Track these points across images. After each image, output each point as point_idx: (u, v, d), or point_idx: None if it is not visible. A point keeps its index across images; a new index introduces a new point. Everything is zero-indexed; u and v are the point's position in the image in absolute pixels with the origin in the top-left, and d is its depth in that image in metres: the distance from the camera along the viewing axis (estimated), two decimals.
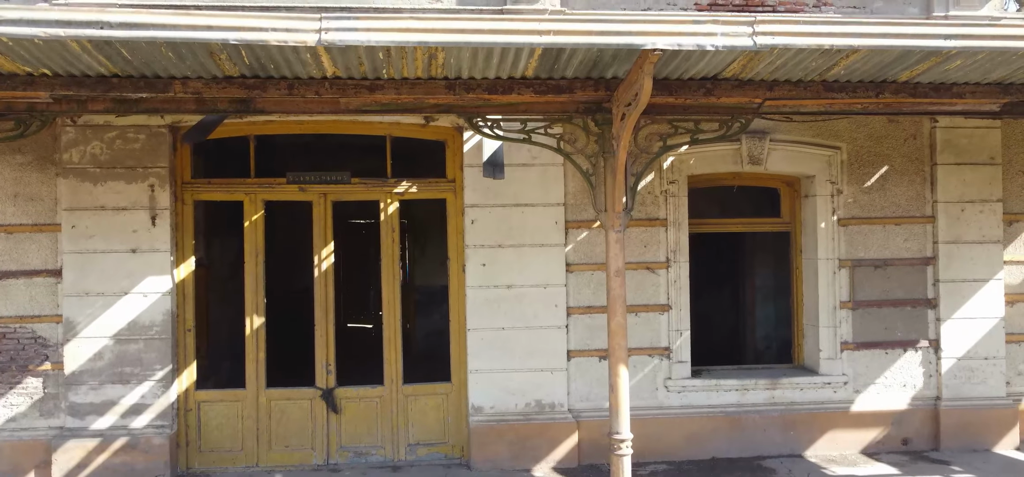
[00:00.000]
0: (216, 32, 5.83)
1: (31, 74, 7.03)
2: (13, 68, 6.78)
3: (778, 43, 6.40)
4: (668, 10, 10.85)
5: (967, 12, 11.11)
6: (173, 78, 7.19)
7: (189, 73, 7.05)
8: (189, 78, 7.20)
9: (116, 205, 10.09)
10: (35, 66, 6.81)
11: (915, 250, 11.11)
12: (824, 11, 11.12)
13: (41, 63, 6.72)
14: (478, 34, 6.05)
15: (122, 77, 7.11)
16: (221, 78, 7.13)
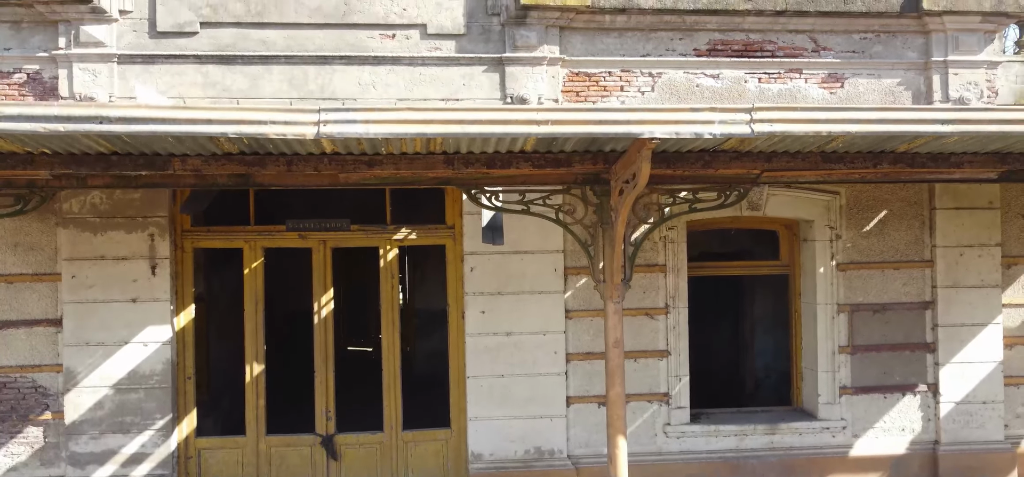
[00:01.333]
0: (215, 126, 5.84)
1: (31, 153, 7.05)
2: (13, 148, 6.80)
3: (775, 131, 6.39)
4: (667, 56, 10.87)
5: (966, 55, 11.13)
6: (172, 156, 7.20)
7: (188, 151, 7.06)
8: (188, 156, 7.21)
9: (116, 255, 10.11)
10: (35, 147, 6.83)
11: (914, 294, 11.12)
12: (823, 56, 11.12)
13: (41, 144, 6.73)
14: (476, 125, 6.05)
15: (121, 155, 7.11)
16: (220, 155, 7.14)
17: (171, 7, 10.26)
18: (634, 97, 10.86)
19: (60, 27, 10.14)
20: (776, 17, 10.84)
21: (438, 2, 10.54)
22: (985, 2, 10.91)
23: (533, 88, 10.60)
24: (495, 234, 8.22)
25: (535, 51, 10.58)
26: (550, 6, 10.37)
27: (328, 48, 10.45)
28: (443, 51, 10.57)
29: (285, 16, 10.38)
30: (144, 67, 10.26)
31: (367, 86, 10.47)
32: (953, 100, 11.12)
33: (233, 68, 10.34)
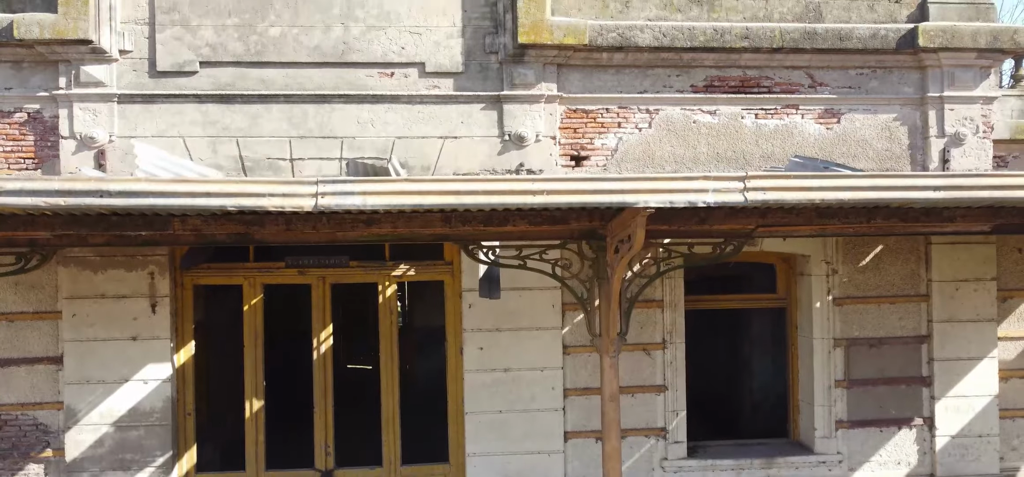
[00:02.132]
0: (215, 199, 5.90)
1: (32, 215, 7.11)
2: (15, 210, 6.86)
3: (768, 199, 6.46)
4: (665, 92, 10.92)
5: (962, 91, 11.19)
6: (172, 216, 7.26)
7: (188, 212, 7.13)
8: (188, 216, 7.27)
9: (116, 293, 10.18)
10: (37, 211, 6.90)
11: (910, 328, 11.19)
12: (820, 92, 11.18)
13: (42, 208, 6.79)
14: (471, 196, 6.11)
15: (122, 215, 7.18)
16: (220, 215, 7.20)
17: (171, 47, 10.31)
18: (631, 133, 10.92)
19: (60, 67, 10.20)
20: (772, 54, 10.89)
21: (436, 41, 10.59)
22: (980, 39, 10.96)
23: (531, 126, 10.66)
24: (492, 287, 8.28)
25: (533, 89, 10.64)
26: (548, 45, 10.43)
27: (327, 87, 10.51)
28: (441, 89, 10.62)
29: (284, 55, 10.43)
30: (144, 106, 10.33)
31: (366, 124, 10.54)
32: (949, 135, 11.19)
33: (232, 107, 10.40)
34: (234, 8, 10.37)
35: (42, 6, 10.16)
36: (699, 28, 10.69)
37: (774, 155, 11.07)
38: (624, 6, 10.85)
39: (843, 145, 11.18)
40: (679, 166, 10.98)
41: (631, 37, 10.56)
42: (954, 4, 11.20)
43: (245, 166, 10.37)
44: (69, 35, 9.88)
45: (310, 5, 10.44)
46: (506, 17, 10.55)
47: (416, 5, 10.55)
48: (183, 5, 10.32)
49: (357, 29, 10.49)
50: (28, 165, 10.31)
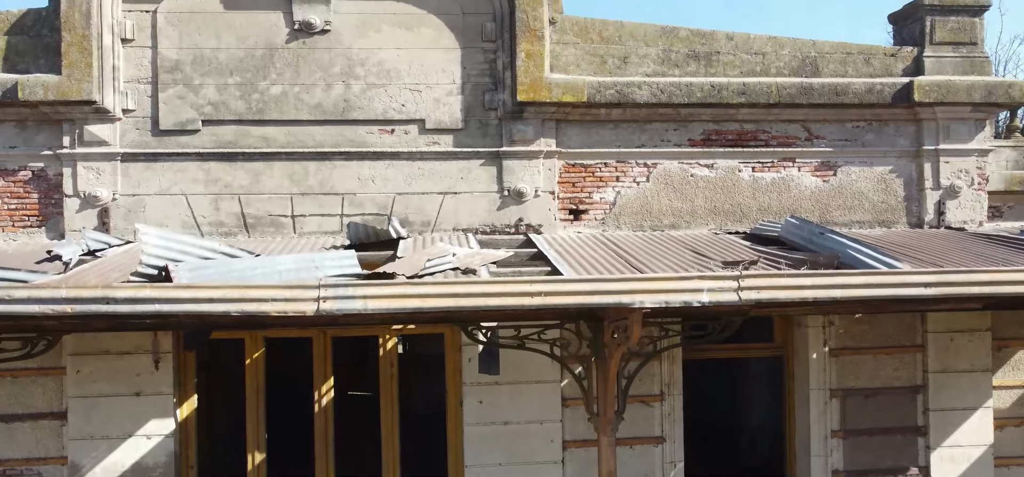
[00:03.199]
0: (218, 305, 6.02)
1: None
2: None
3: (763, 298, 6.57)
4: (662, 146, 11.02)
5: (957, 144, 11.30)
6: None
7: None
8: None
9: (120, 349, 10.26)
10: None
11: (905, 379, 11.29)
12: (816, 144, 11.29)
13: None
14: (471, 298, 6.22)
15: None
16: None
17: (173, 106, 10.42)
18: (629, 187, 11.03)
19: (64, 126, 10.31)
20: (769, 108, 11.00)
21: (436, 98, 10.69)
22: (975, 93, 11.07)
23: (530, 181, 10.77)
24: (491, 363, 8.39)
25: (532, 145, 10.74)
26: (547, 102, 10.53)
27: (328, 144, 10.61)
28: (441, 146, 10.73)
29: (286, 113, 10.53)
30: (147, 164, 10.44)
31: (366, 181, 10.64)
32: (944, 187, 11.31)
33: (234, 164, 10.50)
34: (236, 67, 10.47)
35: (45, 66, 10.25)
36: (697, 84, 10.79)
37: (771, 208, 11.18)
38: (622, 62, 10.95)
39: (840, 197, 11.28)
40: (677, 220, 11.10)
41: (629, 94, 10.66)
42: (949, 58, 11.31)
43: (247, 223, 10.48)
44: (73, 96, 9.98)
45: (311, 63, 10.53)
46: (505, 74, 10.65)
47: (416, 62, 10.65)
48: (185, 64, 10.42)
49: (358, 87, 10.59)
50: (32, 222, 10.42)
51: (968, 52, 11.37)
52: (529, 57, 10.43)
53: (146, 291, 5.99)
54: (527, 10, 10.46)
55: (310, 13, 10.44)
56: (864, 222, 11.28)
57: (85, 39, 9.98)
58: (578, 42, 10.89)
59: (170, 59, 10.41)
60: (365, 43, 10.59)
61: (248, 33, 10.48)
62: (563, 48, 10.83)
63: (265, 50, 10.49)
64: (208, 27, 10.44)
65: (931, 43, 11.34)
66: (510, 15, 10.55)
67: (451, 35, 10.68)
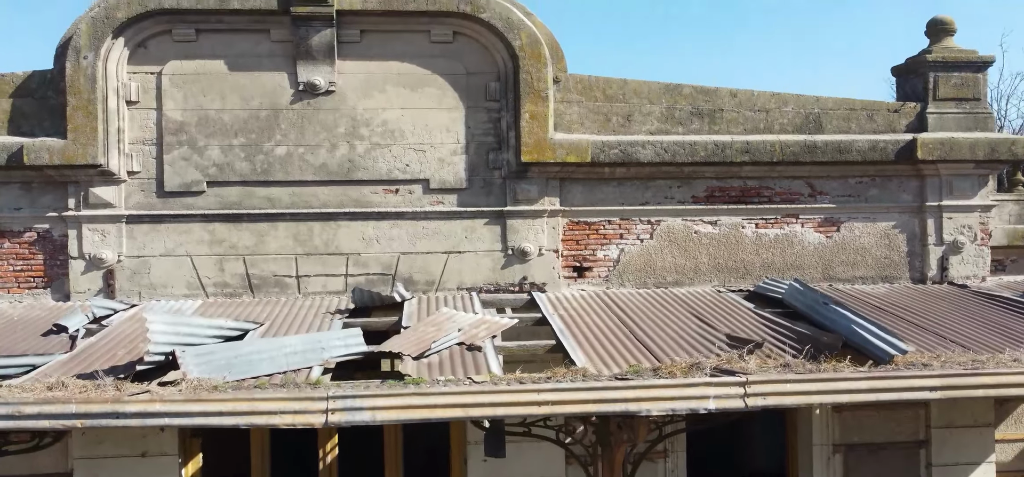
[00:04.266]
0: (227, 418, 6.06)
1: None
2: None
3: (769, 404, 6.61)
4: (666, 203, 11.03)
5: (960, 200, 11.32)
6: None
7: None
8: None
9: None
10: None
11: (908, 434, 11.30)
12: (819, 200, 11.32)
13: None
14: (478, 408, 6.26)
15: None
16: None
17: (178, 168, 10.44)
18: (633, 244, 11.05)
19: (69, 188, 10.34)
20: (773, 166, 11.01)
21: (440, 157, 10.71)
22: (979, 150, 11.08)
23: (534, 240, 10.79)
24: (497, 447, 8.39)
25: (536, 204, 10.76)
26: (551, 163, 10.54)
27: (333, 204, 10.63)
28: (445, 205, 10.75)
29: (290, 174, 10.55)
30: (152, 226, 10.47)
31: (371, 240, 10.67)
32: (947, 243, 11.33)
33: (239, 226, 10.53)
34: (241, 128, 10.49)
35: (51, 128, 10.27)
36: (700, 143, 10.80)
37: (774, 264, 11.21)
38: (626, 120, 10.96)
39: (843, 253, 11.31)
40: (680, 277, 11.12)
41: (633, 153, 10.68)
42: (953, 114, 11.32)
43: (252, 284, 10.52)
44: (78, 160, 10.01)
45: (316, 124, 10.55)
46: (509, 134, 10.67)
47: (420, 122, 10.66)
48: (190, 126, 10.44)
49: (362, 147, 10.61)
50: (38, 284, 10.46)
51: (971, 108, 11.38)
52: (533, 118, 10.45)
53: (156, 405, 6.02)
54: (531, 71, 10.47)
55: (315, 74, 10.45)
56: (867, 278, 11.30)
57: (90, 103, 10.00)
58: (582, 100, 10.90)
59: (175, 120, 10.42)
60: (369, 103, 10.61)
61: (253, 94, 10.49)
62: (567, 106, 10.84)
63: (270, 111, 10.50)
64: (213, 88, 10.46)
65: (934, 99, 11.35)
66: (514, 75, 10.56)
67: (455, 95, 10.69)
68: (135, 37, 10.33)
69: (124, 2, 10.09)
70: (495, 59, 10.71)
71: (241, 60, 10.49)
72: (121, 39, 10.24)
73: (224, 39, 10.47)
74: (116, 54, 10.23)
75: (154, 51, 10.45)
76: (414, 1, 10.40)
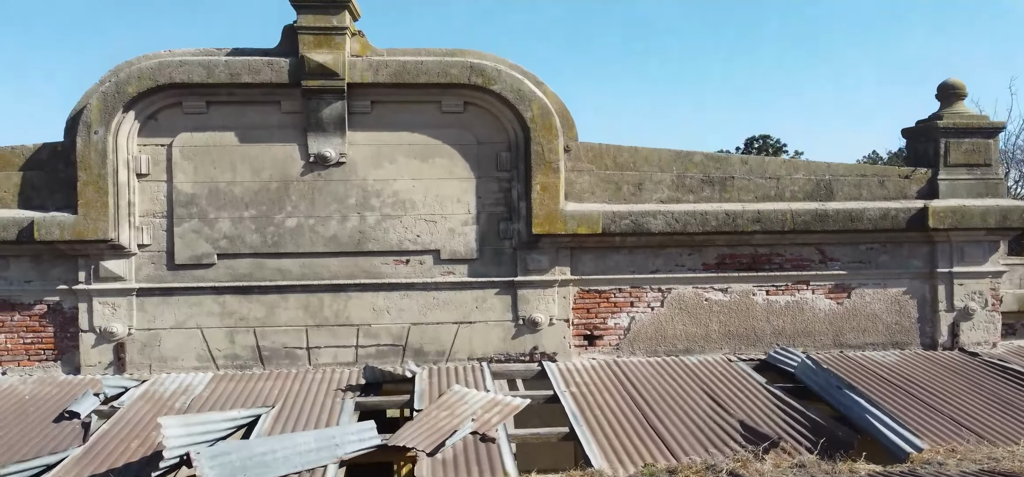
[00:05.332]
0: None
1: None
2: None
3: None
4: (677, 271, 11.02)
5: (971, 266, 11.30)
6: None
7: None
8: None
9: None
10: None
11: None
12: (830, 267, 11.30)
13: None
14: None
15: None
16: None
17: (189, 240, 10.41)
18: (644, 312, 11.04)
19: (80, 261, 10.32)
20: (784, 234, 10.99)
21: (451, 228, 10.68)
22: (990, 218, 11.07)
23: (545, 310, 10.77)
24: None
25: (546, 273, 10.74)
26: (562, 234, 10.52)
27: (343, 275, 10.61)
28: (456, 275, 10.73)
29: (301, 245, 10.53)
30: (162, 298, 10.45)
31: (381, 311, 10.65)
32: (958, 309, 11.31)
33: (250, 298, 10.51)
34: (251, 200, 10.47)
35: (61, 200, 10.26)
36: (711, 213, 10.78)
37: (785, 331, 11.20)
38: (637, 188, 10.94)
39: (853, 319, 11.29)
40: (691, 344, 11.11)
41: (644, 224, 10.66)
42: (964, 180, 11.30)
43: (263, 355, 10.50)
44: (89, 236, 9.99)
45: (326, 195, 10.53)
46: (520, 204, 10.65)
47: (431, 193, 10.64)
48: (201, 198, 10.42)
49: (373, 218, 10.59)
50: (48, 356, 10.44)
51: (982, 174, 11.37)
52: (544, 189, 10.43)
53: None
54: (542, 142, 10.45)
55: (325, 146, 10.43)
56: (878, 344, 11.29)
57: (101, 178, 9.98)
58: (592, 169, 10.88)
59: (186, 193, 10.40)
60: (380, 174, 10.59)
61: (263, 166, 10.47)
62: (578, 175, 10.82)
63: (280, 183, 10.48)
64: (223, 160, 10.43)
65: (945, 165, 11.33)
66: (525, 146, 10.54)
67: (466, 165, 10.68)
68: (146, 110, 10.31)
69: (135, 77, 10.06)
70: (506, 129, 10.69)
71: (252, 132, 10.47)
72: (132, 112, 10.22)
73: (235, 111, 10.45)
74: (127, 127, 10.21)
75: (165, 123, 10.42)
76: (425, 73, 10.37)
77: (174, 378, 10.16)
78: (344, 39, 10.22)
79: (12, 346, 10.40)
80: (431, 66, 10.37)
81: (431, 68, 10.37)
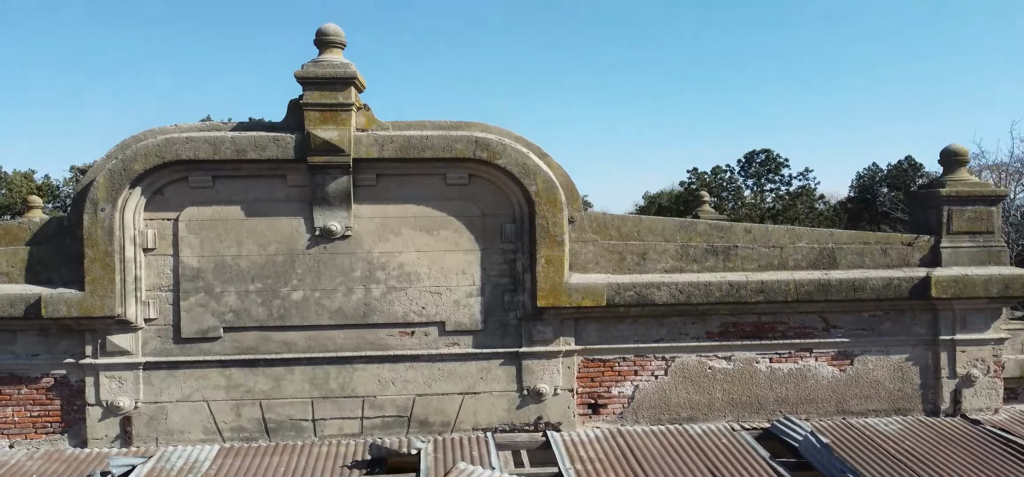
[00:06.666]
0: None
1: None
2: None
3: None
4: (681, 339, 11.07)
5: (973, 334, 11.37)
6: None
7: None
8: None
9: None
10: None
11: None
12: (833, 335, 11.35)
13: None
14: None
15: None
16: None
17: (195, 314, 10.46)
18: (648, 381, 11.10)
19: (86, 335, 10.37)
20: (787, 303, 11.03)
21: (456, 299, 10.73)
22: (992, 287, 11.11)
23: (549, 380, 10.83)
24: None
25: (551, 344, 10.80)
26: (566, 307, 10.57)
27: (349, 347, 10.66)
28: (461, 347, 10.78)
29: (307, 318, 10.58)
30: (169, 372, 10.50)
31: (387, 383, 10.71)
32: (960, 376, 11.37)
33: (256, 371, 10.56)
34: (257, 274, 10.51)
35: (68, 274, 10.30)
36: (715, 284, 10.83)
37: (788, 399, 11.25)
38: (641, 258, 10.99)
39: (856, 386, 11.35)
40: (694, 412, 11.17)
41: (649, 295, 10.71)
42: (966, 248, 11.36)
43: (268, 428, 10.56)
44: (96, 312, 10.04)
45: (332, 269, 10.58)
46: (524, 276, 10.70)
47: (436, 265, 10.69)
48: (207, 272, 10.47)
49: (378, 290, 10.64)
50: (54, 429, 10.49)
51: (985, 241, 11.42)
52: (549, 263, 10.48)
53: None
54: (547, 216, 10.50)
55: (331, 219, 10.48)
56: (880, 411, 11.35)
57: (108, 255, 10.03)
58: (597, 238, 10.93)
59: (192, 267, 10.45)
60: (385, 247, 10.64)
61: (269, 239, 10.52)
62: (582, 245, 10.87)
63: (286, 256, 10.53)
64: (230, 234, 10.48)
65: (948, 233, 11.38)
66: (530, 219, 10.59)
67: (470, 236, 10.73)
68: (152, 185, 10.36)
69: (141, 154, 10.11)
70: (511, 201, 10.74)
71: (257, 205, 10.51)
72: (138, 188, 10.27)
73: (241, 185, 10.50)
74: (133, 203, 10.26)
75: (171, 197, 10.47)
76: (430, 148, 10.42)
77: (181, 452, 10.21)
78: (350, 115, 10.27)
79: (19, 419, 10.45)
80: (436, 141, 10.42)
81: (436, 143, 10.41)
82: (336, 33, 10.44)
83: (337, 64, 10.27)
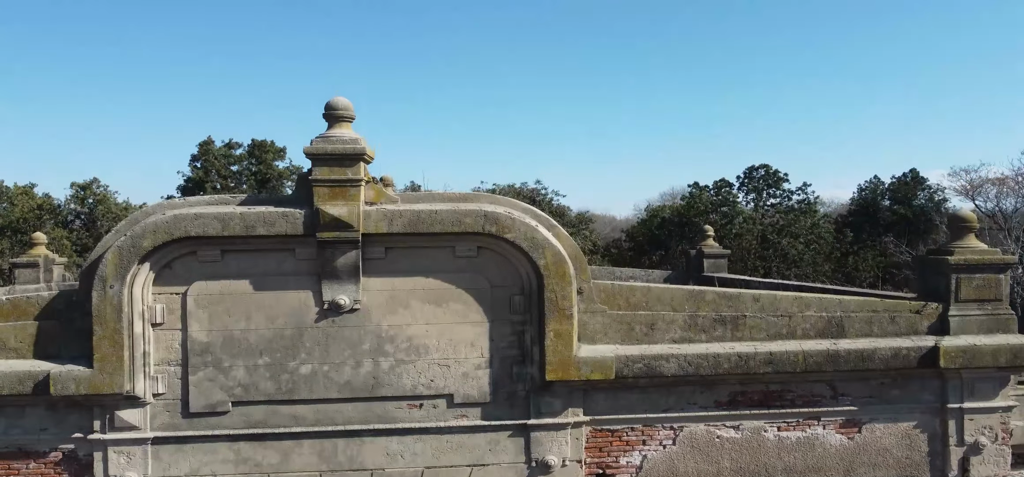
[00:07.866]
0: None
1: None
2: None
3: None
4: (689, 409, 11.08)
5: (981, 402, 11.35)
6: None
7: None
8: None
9: None
10: None
11: None
12: (841, 402, 11.34)
13: None
14: None
15: None
16: None
17: (204, 388, 10.45)
18: (656, 450, 11.08)
19: (95, 410, 10.36)
20: (795, 373, 11.03)
21: (464, 372, 10.73)
22: (1001, 357, 11.11)
23: (557, 452, 10.82)
24: None
25: (559, 416, 10.79)
26: (575, 381, 10.56)
27: (357, 421, 10.66)
28: (469, 419, 10.78)
29: (315, 392, 10.57)
30: (177, 447, 10.49)
31: (395, 456, 10.70)
32: (968, 444, 11.36)
33: (264, 445, 10.55)
34: (266, 347, 10.50)
35: (76, 349, 10.28)
36: (724, 355, 10.82)
37: (796, 467, 11.24)
38: (649, 329, 10.98)
39: (864, 454, 11.34)
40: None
41: (657, 367, 10.70)
42: (975, 316, 11.34)
43: None
44: (104, 389, 10.02)
45: (340, 342, 10.57)
46: (533, 349, 10.69)
47: (445, 337, 10.68)
48: (216, 346, 10.46)
49: (386, 363, 10.63)
50: None
51: (993, 309, 11.41)
52: (558, 336, 10.46)
53: None
54: (556, 289, 10.48)
55: (339, 293, 10.47)
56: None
57: (116, 332, 10.01)
58: (605, 309, 10.91)
59: (200, 342, 10.43)
60: (394, 320, 10.62)
61: (278, 313, 10.50)
62: (591, 316, 10.86)
63: (295, 330, 10.52)
64: (238, 308, 10.47)
65: (957, 301, 11.37)
66: (539, 292, 10.58)
67: (479, 309, 10.71)
68: (161, 260, 10.34)
69: (150, 231, 10.09)
70: (519, 273, 10.73)
71: (266, 279, 10.50)
72: (147, 264, 10.25)
73: (249, 259, 10.48)
74: (142, 278, 10.24)
75: (180, 271, 10.45)
76: (439, 222, 10.41)
77: None
78: (359, 190, 10.26)
79: None
80: (445, 215, 10.40)
81: (445, 217, 10.40)
82: (345, 107, 10.43)
83: (346, 140, 10.25)
